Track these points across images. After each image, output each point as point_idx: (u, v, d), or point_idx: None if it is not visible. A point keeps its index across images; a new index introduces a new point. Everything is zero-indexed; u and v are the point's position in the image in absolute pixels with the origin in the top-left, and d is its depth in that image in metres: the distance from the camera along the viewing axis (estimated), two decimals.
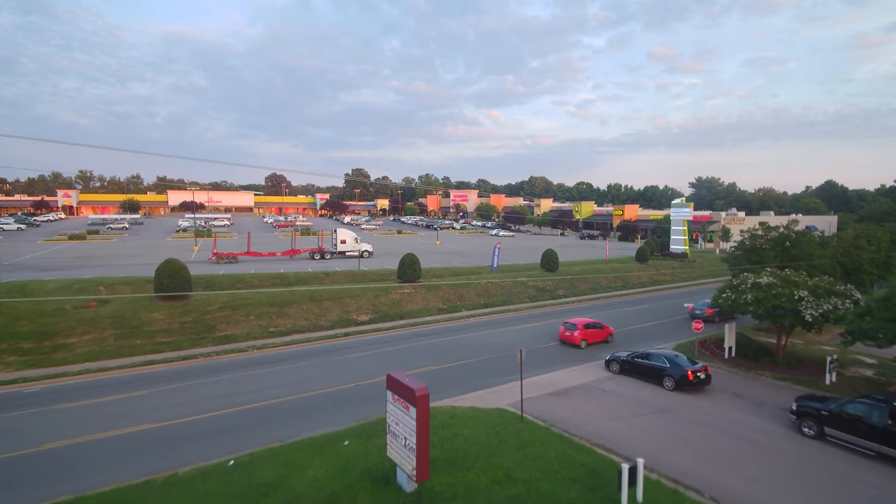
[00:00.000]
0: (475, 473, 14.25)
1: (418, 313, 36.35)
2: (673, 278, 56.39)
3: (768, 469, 15.72)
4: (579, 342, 29.48)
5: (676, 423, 19.06)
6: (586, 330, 29.90)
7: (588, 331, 29.98)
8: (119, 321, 28.46)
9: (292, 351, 28.24)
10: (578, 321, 30.51)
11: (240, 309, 31.77)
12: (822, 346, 30.66)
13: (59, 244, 66.38)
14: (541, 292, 44.13)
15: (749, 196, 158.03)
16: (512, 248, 75.13)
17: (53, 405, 20.07)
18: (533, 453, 15.63)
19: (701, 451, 16.75)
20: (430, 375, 23.93)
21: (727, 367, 25.96)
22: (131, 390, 21.83)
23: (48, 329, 26.83)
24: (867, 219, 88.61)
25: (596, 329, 30.42)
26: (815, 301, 23.39)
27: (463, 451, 15.55)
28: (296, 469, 14.43)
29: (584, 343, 29.63)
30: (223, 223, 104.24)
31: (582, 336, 29.59)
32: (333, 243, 57.88)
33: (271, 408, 20.01)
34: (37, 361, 24.75)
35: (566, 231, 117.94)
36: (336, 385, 22.59)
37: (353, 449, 15.76)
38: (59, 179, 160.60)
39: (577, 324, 30.07)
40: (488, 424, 17.79)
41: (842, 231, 44.68)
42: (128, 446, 16.60)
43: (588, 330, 30.00)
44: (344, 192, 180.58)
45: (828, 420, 17.71)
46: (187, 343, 28.07)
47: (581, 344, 29.47)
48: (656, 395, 21.89)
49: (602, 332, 30.66)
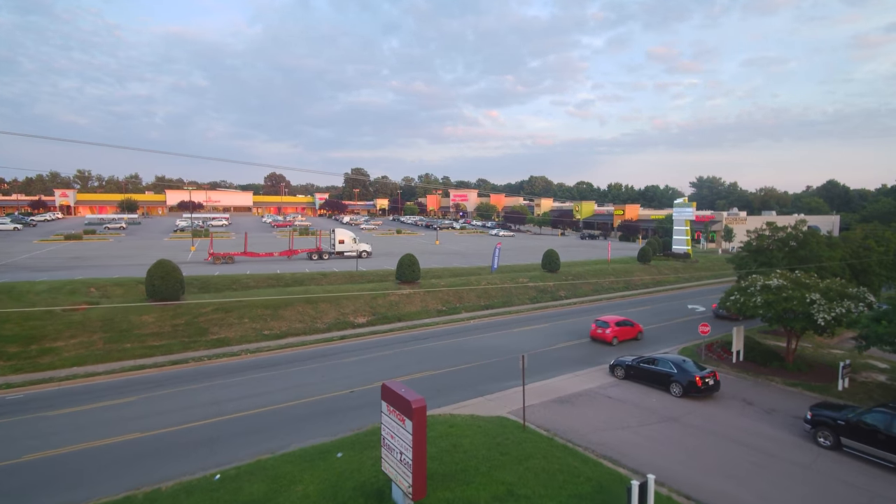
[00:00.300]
0: (475, 488, 13.45)
1: (417, 315, 35.55)
2: (676, 279, 55.59)
3: (785, 483, 14.91)
4: (611, 339, 29.95)
5: (685, 432, 18.25)
6: (618, 327, 30.43)
7: (619, 328, 30.50)
8: (109, 324, 27.64)
9: (287, 355, 27.43)
10: (610, 318, 31.13)
11: (234, 311, 30.95)
12: (832, 349, 29.86)
13: (54, 244, 65.61)
14: (542, 293, 43.32)
15: (750, 196, 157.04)
16: (512, 248, 74.35)
17: (37, 413, 19.26)
18: (536, 466, 14.82)
19: (713, 462, 15.95)
20: (428, 381, 23.14)
21: (735, 372, 25.14)
22: (119, 397, 21.02)
23: (36, 332, 26.00)
24: (870, 219, 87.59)
25: (627, 326, 31.00)
26: (827, 304, 22.56)
27: (462, 463, 14.74)
28: (285, 484, 13.61)
29: (616, 340, 30.12)
30: (221, 223, 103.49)
31: (614, 333, 30.09)
32: (332, 243, 57.09)
33: (263, 416, 19.21)
34: (23, 366, 23.93)
35: (566, 231, 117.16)
36: (330, 391, 21.79)
37: (346, 462, 14.95)
38: (57, 179, 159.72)
39: (608, 321, 30.66)
40: (489, 434, 16.98)
41: (849, 231, 43.83)
42: (111, 458, 15.80)
43: (619, 327, 30.52)
44: (343, 191, 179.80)
45: (845, 430, 16.90)
46: (179, 346, 27.26)
47: (613, 341, 29.95)
48: (663, 402, 21.08)
49: (633, 329, 31.24)
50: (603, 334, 30.18)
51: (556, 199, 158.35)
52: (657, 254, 63.38)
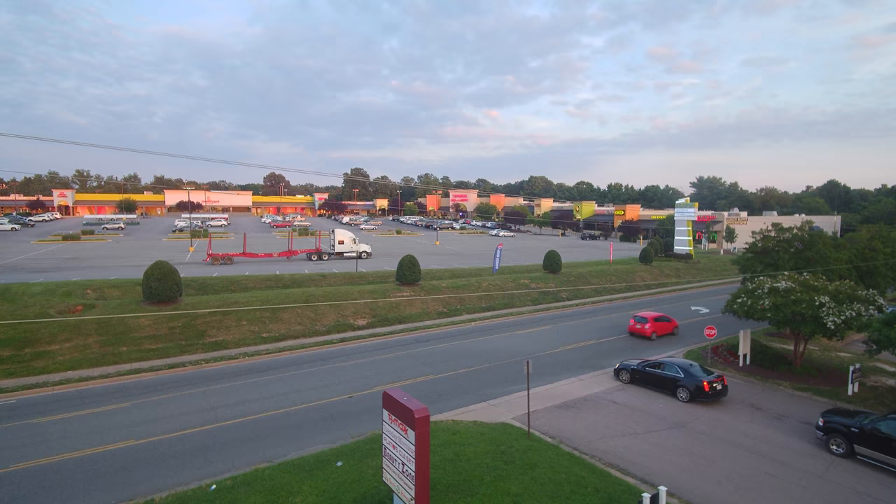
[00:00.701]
0: (479, 500, 13.00)
1: (418, 317, 35.08)
2: (677, 280, 55.13)
3: (798, 493, 14.43)
4: (650, 334, 31.33)
5: (694, 439, 17.79)
6: (656, 323, 31.80)
7: (658, 323, 31.85)
8: (104, 327, 27.15)
9: (286, 358, 26.94)
10: (648, 314, 32.40)
11: (232, 313, 30.47)
12: (839, 352, 29.40)
13: (52, 245, 65.12)
14: (544, 295, 42.85)
15: (751, 196, 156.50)
16: (513, 248, 73.89)
17: (29, 419, 18.75)
18: (542, 476, 14.36)
19: (724, 472, 15.48)
20: (429, 385, 22.68)
21: (742, 377, 24.69)
22: (113, 402, 20.53)
23: (30, 335, 25.50)
24: (872, 219, 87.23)
25: (664, 322, 32.27)
26: (836, 307, 22.11)
27: (466, 473, 14.28)
28: (283, 496, 13.13)
29: (655, 335, 31.45)
30: (220, 223, 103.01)
31: (652, 328, 31.44)
32: (331, 244, 56.64)
33: (260, 422, 18.72)
34: (15, 370, 23.43)
35: (567, 231, 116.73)
36: (330, 396, 21.30)
37: (345, 471, 14.47)
38: (56, 179, 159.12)
39: (647, 317, 32.00)
40: (493, 442, 16.52)
41: (855, 233, 43.43)
42: (104, 467, 15.30)
43: (657, 323, 31.87)
44: (343, 191, 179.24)
45: (859, 437, 16.44)
46: (175, 350, 26.77)
47: (652, 336, 31.32)
48: (670, 408, 20.61)
49: (669, 324, 32.54)
50: (642, 329, 31.52)
51: (556, 200, 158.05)
52: (659, 254, 62.94)
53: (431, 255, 60.81)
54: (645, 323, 31.57)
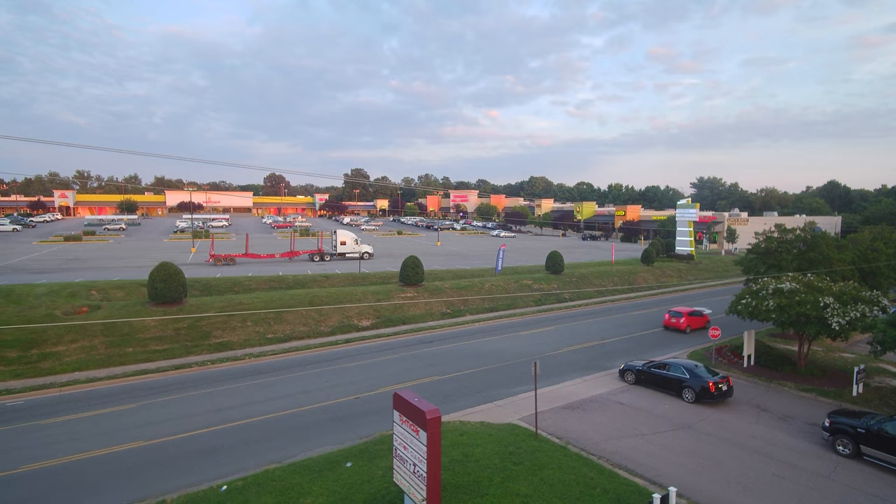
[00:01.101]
0: (489, 500, 13.07)
1: (421, 318, 35.16)
2: (679, 280, 55.23)
3: (806, 494, 14.50)
4: (685, 328, 33.31)
5: (700, 440, 17.86)
6: (690, 317, 33.80)
7: (691, 318, 33.83)
8: (110, 328, 27.20)
9: (291, 359, 27.01)
10: (683, 309, 34.31)
11: (236, 314, 30.53)
12: (842, 353, 29.47)
13: (53, 245, 65.16)
14: (547, 296, 42.93)
15: (751, 196, 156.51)
16: (514, 249, 73.95)
17: (37, 420, 18.82)
18: (550, 477, 14.42)
19: (731, 473, 15.54)
20: (435, 386, 22.74)
21: (747, 377, 24.76)
22: (120, 403, 20.59)
23: (36, 336, 25.55)
24: (872, 220, 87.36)
25: (697, 316, 34.29)
26: (841, 308, 22.19)
27: (475, 474, 14.34)
28: (293, 497, 13.19)
29: (689, 328, 33.43)
30: (221, 224, 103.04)
31: (687, 322, 33.43)
32: (333, 245, 56.71)
33: (268, 423, 18.78)
34: (23, 371, 23.51)
35: (568, 232, 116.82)
36: (337, 397, 21.36)
37: (355, 472, 14.54)
38: (57, 180, 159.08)
39: (682, 311, 33.96)
40: (501, 443, 16.58)
41: (857, 233, 43.52)
42: (113, 468, 15.36)
43: (691, 317, 33.86)
44: (343, 192, 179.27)
45: (865, 438, 16.51)
46: (181, 351, 26.83)
47: (686, 329, 33.30)
48: (676, 409, 20.68)
49: (702, 318, 34.49)
50: (677, 323, 33.44)
51: (556, 200, 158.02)
52: (660, 255, 63.03)
53: (433, 256, 60.87)
54: (680, 317, 33.50)
